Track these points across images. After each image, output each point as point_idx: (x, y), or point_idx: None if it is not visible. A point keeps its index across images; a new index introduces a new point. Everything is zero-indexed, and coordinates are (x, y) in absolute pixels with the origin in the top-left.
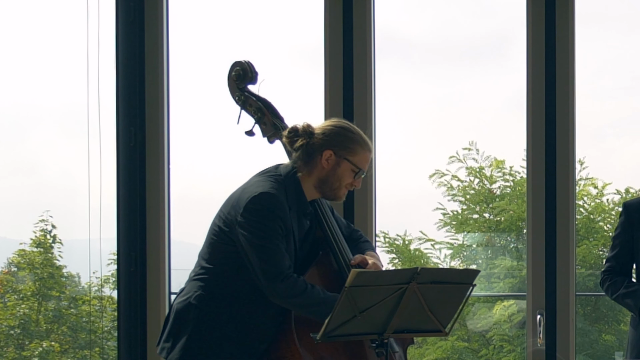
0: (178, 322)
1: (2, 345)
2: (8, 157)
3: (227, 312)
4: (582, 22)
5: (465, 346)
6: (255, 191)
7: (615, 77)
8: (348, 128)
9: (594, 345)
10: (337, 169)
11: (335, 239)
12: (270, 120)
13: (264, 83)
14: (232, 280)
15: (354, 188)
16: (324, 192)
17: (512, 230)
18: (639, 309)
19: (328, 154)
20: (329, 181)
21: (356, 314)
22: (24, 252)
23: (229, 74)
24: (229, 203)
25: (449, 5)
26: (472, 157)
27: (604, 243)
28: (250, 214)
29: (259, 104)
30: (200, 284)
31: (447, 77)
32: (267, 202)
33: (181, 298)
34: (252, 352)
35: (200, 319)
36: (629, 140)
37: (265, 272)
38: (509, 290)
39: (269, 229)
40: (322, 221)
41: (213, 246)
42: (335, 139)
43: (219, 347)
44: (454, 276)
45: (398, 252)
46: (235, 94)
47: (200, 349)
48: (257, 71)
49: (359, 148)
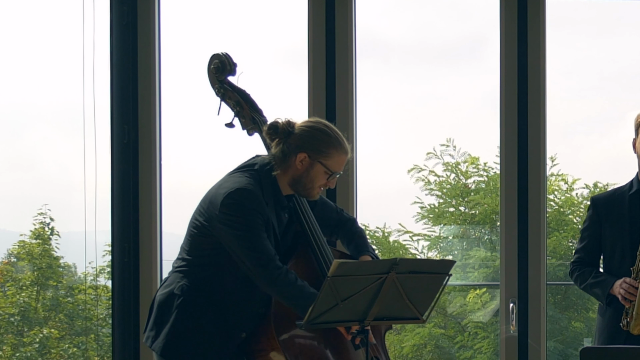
0: (161, 311)
1: (2, 332)
2: (7, 154)
3: (208, 301)
4: (552, 26)
5: (441, 333)
6: (231, 187)
7: (583, 78)
8: (325, 131)
9: (563, 332)
10: (311, 170)
11: (312, 232)
12: (249, 114)
13: (248, 79)
14: (212, 271)
15: (328, 187)
16: (298, 191)
17: (486, 223)
18: (606, 297)
19: (302, 157)
20: (302, 181)
21: (338, 302)
22: (23, 244)
23: (208, 67)
24: (207, 198)
25: (426, 9)
26: (449, 153)
27: (574, 235)
28: (228, 209)
29: (238, 97)
30: (182, 275)
31: (424, 77)
32: (243, 198)
33: (164, 289)
34: (232, 339)
35: (183, 308)
36: (597, 137)
37: (255, 260)
38: (483, 279)
39: (248, 221)
40: (301, 217)
41: (193, 239)
42: (310, 142)
43: (201, 335)
44: (431, 266)
45: (378, 244)
46: (215, 86)
47: (183, 336)
48: (235, 62)
49: (334, 151)
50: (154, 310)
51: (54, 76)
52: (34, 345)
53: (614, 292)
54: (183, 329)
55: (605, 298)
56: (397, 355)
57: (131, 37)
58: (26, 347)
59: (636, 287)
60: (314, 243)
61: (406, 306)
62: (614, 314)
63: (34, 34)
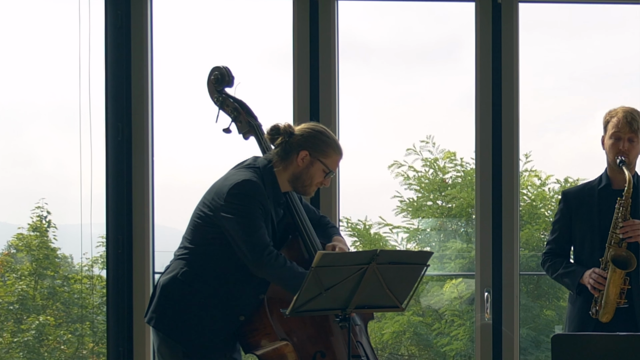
0: (165, 295)
1: (2, 319)
2: (7, 150)
3: (209, 286)
4: (525, 28)
5: (420, 320)
6: (238, 179)
7: (555, 78)
8: (324, 133)
9: (536, 320)
10: (311, 168)
11: (303, 225)
12: (246, 119)
13: (239, 85)
14: (213, 259)
15: (322, 186)
16: (296, 187)
17: (462, 216)
18: (576, 287)
19: (304, 154)
20: (302, 178)
21: (322, 291)
22: (22, 236)
23: (208, 78)
24: (212, 190)
25: (405, 13)
26: (428, 150)
27: (545, 227)
28: (234, 197)
29: (236, 104)
30: (185, 262)
31: (403, 78)
32: (248, 188)
33: (167, 275)
34: (232, 322)
35: (185, 293)
36: (568, 135)
37: (251, 245)
38: (459, 270)
39: (250, 210)
40: (293, 209)
41: (197, 229)
42: (312, 141)
43: (203, 316)
44: (409, 257)
45: (359, 236)
46: (214, 95)
47: (185, 318)
48: (233, 75)
49: (332, 152)
50: (157, 293)
51: (51, 76)
52: (31, 331)
53: (584, 281)
54: (186, 311)
55: (575, 287)
56: (377, 342)
57: (125, 39)
58: (24, 334)
59: (605, 277)
60: (304, 233)
61: (386, 295)
62: (583, 303)
63: (32, 37)
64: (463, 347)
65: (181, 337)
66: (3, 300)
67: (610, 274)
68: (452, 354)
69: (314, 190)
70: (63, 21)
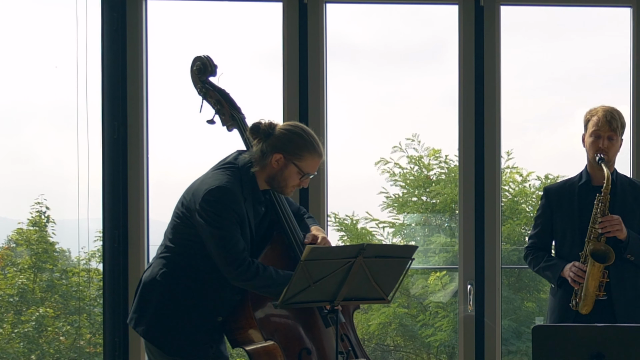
0: (144, 296)
1: (3, 311)
2: (7, 148)
3: (187, 288)
4: (507, 30)
5: (405, 312)
6: (212, 184)
7: (535, 78)
8: (301, 135)
9: (517, 311)
10: (285, 170)
11: (287, 220)
12: (229, 111)
13: (228, 79)
14: (192, 259)
15: (301, 187)
16: (273, 187)
17: (446, 211)
18: (557, 279)
19: (278, 157)
20: (277, 180)
21: (310, 284)
22: (21, 230)
23: (190, 68)
24: (190, 191)
25: (392, 16)
26: (413, 147)
27: (526, 222)
28: (207, 204)
29: (218, 96)
30: (164, 262)
31: (390, 78)
32: (220, 196)
33: (149, 273)
34: (209, 322)
35: (164, 294)
36: (548, 133)
37: (223, 257)
38: (443, 263)
39: (223, 218)
40: (276, 206)
41: (176, 228)
42: (286, 144)
43: (180, 318)
44: (395, 251)
45: (347, 231)
46: (197, 85)
47: (163, 320)
48: (216, 64)
49: (307, 154)
50: (139, 292)
51: (50, 77)
52: (31, 323)
53: (564, 274)
54: (163, 313)
55: (556, 280)
56: (364, 332)
57: (121, 41)
58: (24, 325)
59: (584, 270)
60: (287, 229)
61: (372, 287)
62: (564, 295)
63: (31, 39)
64: (447, 338)
65: (160, 342)
66: (4, 292)
67: (589, 267)
68: (436, 344)
69: (291, 191)
70: (61, 24)
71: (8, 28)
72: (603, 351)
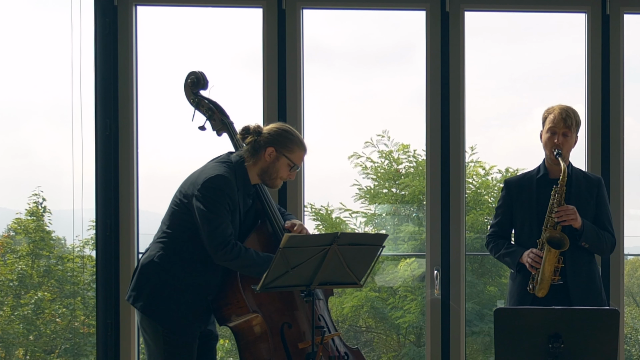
0: (143, 275)
1: (3, 295)
2: (6, 143)
3: (182, 269)
4: (470, 34)
5: (376, 296)
6: (212, 173)
7: (497, 79)
8: (290, 131)
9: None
10: (277, 162)
11: (270, 210)
12: (219, 117)
13: (214, 88)
14: (187, 243)
15: (289, 179)
16: (264, 180)
17: (414, 202)
18: (516, 265)
19: (270, 150)
20: (269, 172)
21: (288, 269)
22: (20, 220)
23: (185, 81)
24: (189, 180)
25: (364, 21)
26: (383, 143)
27: (489, 213)
28: (206, 190)
29: (210, 105)
30: (162, 246)
31: (362, 78)
32: (220, 182)
33: (146, 256)
34: (201, 301)
35: (160, 274)
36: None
37: (211, 238)
38: (411, 250)
39: (218, 203)
40: (262, 197)
41: (174, 215)
42: (277, 139)
43: (175, 295)
44: (367, 239)
45: (322, 220)
46: (190, 97)
47: (160, 298)
48: (208, 79)
49: (296, 148)
50: (137, 273)
51: (46, 76)
52: (29, 306)
53: (523, 260)
54: (161, 291)
55: (515, 266)
56: (338, 315)
57: (112, 44)
58: (23, 308)
59: (541, 256)
60: (271, 217)
61: (346, 273)
62: (522, 280)
63: (29, 41)
64: (415, 320)
65: (156, 315)
66: (4, 277)
67: (545, 253)
68: (405, 325)
69: (280, 184)
70: (57, 29)
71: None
72: (560, 332)
